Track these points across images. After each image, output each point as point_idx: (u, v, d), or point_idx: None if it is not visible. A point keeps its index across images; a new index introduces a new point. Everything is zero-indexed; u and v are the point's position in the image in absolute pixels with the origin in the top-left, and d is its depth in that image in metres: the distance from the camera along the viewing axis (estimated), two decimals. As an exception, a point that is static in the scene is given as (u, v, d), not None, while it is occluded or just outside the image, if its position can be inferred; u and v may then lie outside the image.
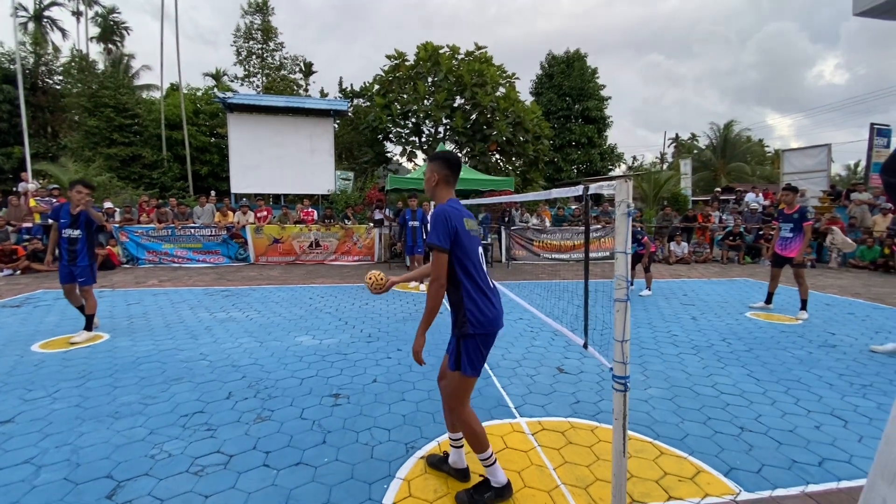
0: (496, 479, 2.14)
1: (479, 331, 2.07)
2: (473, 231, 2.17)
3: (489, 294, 2.13)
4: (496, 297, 2.18)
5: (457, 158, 2.31)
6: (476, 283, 2.10)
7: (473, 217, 2.25)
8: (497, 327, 2.15)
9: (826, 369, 3.96)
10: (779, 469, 2.44)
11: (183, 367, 3.87)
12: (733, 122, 32.52)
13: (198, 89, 24.01)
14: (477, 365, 2.12)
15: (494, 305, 2.14)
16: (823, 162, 15.40)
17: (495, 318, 2.13)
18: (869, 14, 0.55)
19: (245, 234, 10.68)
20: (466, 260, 2.09)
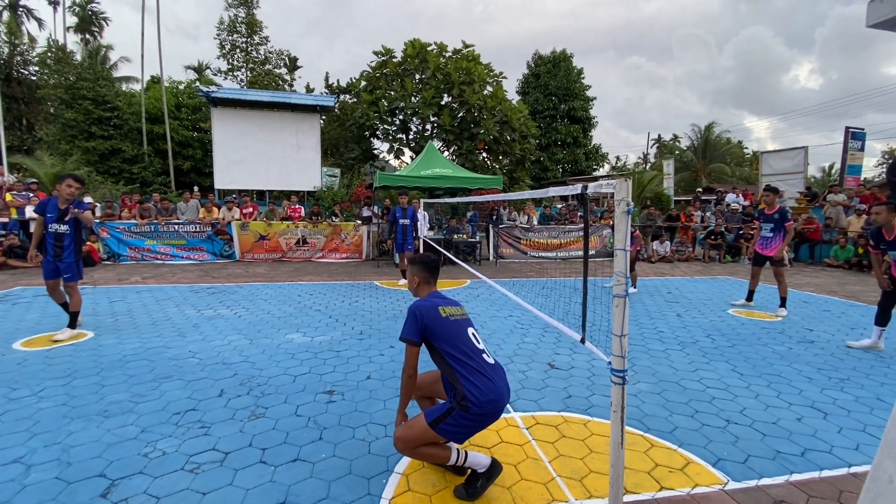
0: (479, 465, 2.16)
1: (478, 410, 2.04)
2: (455, 316, 2.24)
3: (487, 373, 2.11)
4: (497, 376, 2.15)
5: (434, 262, 2.51)
6: (468, 366, 2.10)
7: (457, 304, 2.37)
8: (497, 409, 2.09)
9: (805, 364, 4.11)
10: (764, 459, 2.54)
11: (172, 365, 3.82)
12: (714, 123, 33.25)
13: (180, 83, 23.48)
14: (458, 436, 2.12)
15: (496, 385, 2.10)
16: (800, 164, 15.86)
17: (498, 399, 2.08)
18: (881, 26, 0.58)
19: (230, 230, 10.52)
20: (450, 346, 2.14)
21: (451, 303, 2.33)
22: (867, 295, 7.49)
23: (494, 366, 2.20)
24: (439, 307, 2.24)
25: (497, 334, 4.88)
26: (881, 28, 0.61)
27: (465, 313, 2.34)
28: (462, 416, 2.06)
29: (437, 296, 2.40)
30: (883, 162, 44.18)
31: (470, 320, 2.33)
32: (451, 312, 2.25)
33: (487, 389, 2.05)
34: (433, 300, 2.31)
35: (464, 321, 2.27)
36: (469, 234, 11.28)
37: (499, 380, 2.14)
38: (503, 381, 2.17)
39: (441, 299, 2.35)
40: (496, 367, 2.20)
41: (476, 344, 2.21)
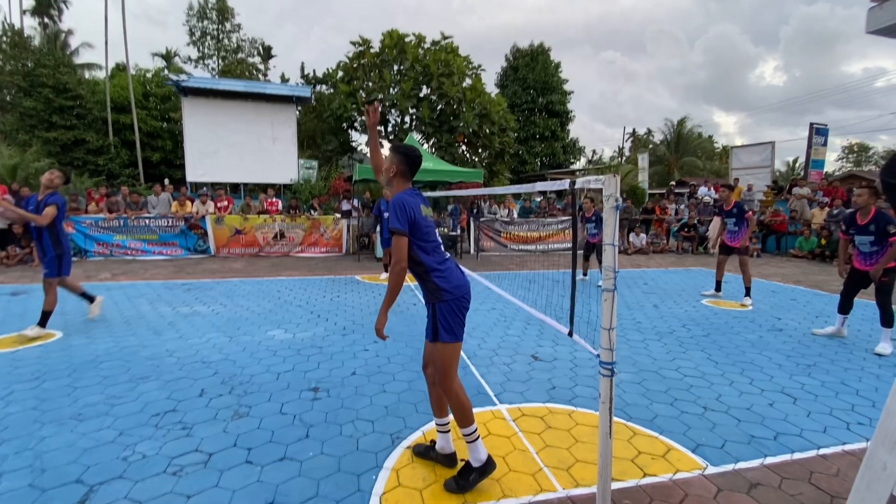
0: (477, 457, 2.19)
1: (450, 295, 2.21)
2: (429, 216, 2.33)
3: (451, 263, 2.31)
4: (459, 269, 2.36)
5: (418, 156, 2.40)
6: (437, 258, 2.27)
7: (429, 204, 2.40)
8: (467, 293, 2.29)
9: (775, 351, 4.29)
10: (740, 444, 2.64)
11: (149, 365, 3.70)
12: (686, 118, 34.06)
13: (147, 70, 22.56)
14: (454, 329, 2.22)
15: (459, 272, 2.32)
16: (768, 158, 16.44)
17: (464, 284, 2.29)
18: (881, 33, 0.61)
19: (205, 225, 10.23)
20: (424, 242, 2.24)
21: (424, 202, 2.35)
22: (830, 284, 7.86)
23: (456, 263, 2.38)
24: (421, 205, 2.28)
25: (481, 327, 4.91)
26: (881, 35, 0.63)
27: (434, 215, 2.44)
28: (444, 309, 2.22)
29: (414, 193, 2.33)
30: (843, 156, 46.20)
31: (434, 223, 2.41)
32: (427, 213, 2.31)
33: (453, 276, 2.26)
34: (415, 198, 2.29)
35: (432, 222, 2.35)
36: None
37: (458, 269, 2.35)
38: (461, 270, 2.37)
39: (420, 197, 2.33)
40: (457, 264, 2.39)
41: (440, 241, 2.36)
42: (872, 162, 43.46)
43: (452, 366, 2.25)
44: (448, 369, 2.23)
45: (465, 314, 2.28)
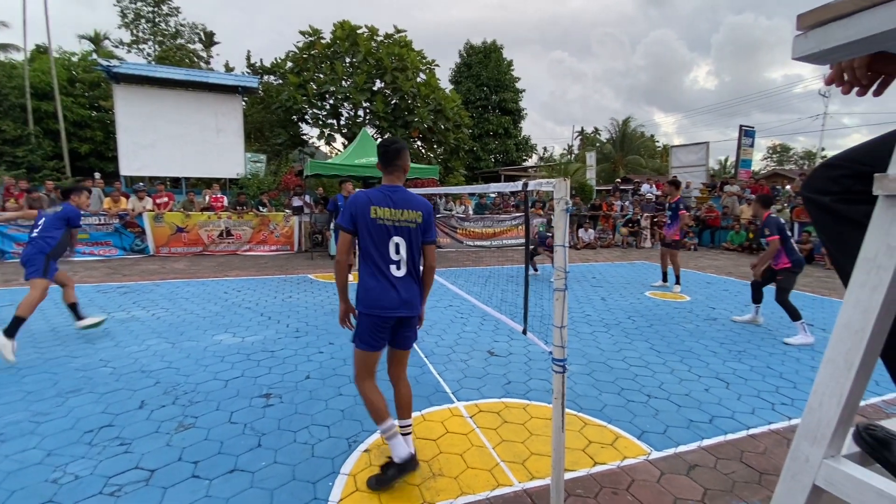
0: (397, 455, 2.19)
1: (364, 310, 2.22)
2: (385, 220, 2.21)
3: (387, 280, 2.22)
4: (398, 287, 2.23)
5: (385, 145, 2.34)
6: (371, 268, 2.22)
7: (400, 206, 2.24)
8: (386, 313, 2.20)
9: (710, 339, 4.62)
10: (680, 429, 2.84)
11: (80, 377, 3.43)
12: (630, 118, 35.70)
13: (73, 54, 20.62)
14: (366, 339, 2.23)
15: (387, 293, 2.20)
16: (703, 157, 17.61)
17: (387, 305, 2.19)
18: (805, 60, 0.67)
19: (142, 222, 9.56)
20: (365, 245, 2.22)
21: (395, 204, 2.23)
22: (757, 275, 8.56)
23: (402, 278, 2.25)
24: (373, 206, 2.20)
25: (438, 324, 4.93)
26: (805, 61, 0.69)
27: (406, 220, 2.25)
28: (360, 317, 2.26)
29: (389, 190, 2.27)
30: (767, 156, 50.26)
31: (406, 230, 2.25)
32: (382, 215, 2.21)
33: (375, 294, 2.20)
34: (375, 195, 2.24)
35: (395, 228, 2.23)
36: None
37: (397, 291, 2.22)
38: (402, 295, 2.23)
39: (385, 196, 2.24)
40: (403, 279, 2.25)
41: (392, 254, 2.23)
42: (793, 161, 47.72)
43: (360, 369, 2.29)
44: (358, 370, 2.29)
45: (381, 331, 2.23)
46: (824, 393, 0.74)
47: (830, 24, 0.66)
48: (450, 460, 2.46)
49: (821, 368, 0.75)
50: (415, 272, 2.32)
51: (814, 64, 0.72)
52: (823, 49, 0.68)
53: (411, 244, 2.27)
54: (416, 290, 2.31)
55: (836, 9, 0.64)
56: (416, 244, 2.29)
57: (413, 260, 2.29)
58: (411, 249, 2.27)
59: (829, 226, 0.86)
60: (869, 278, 0.68)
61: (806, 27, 0.69)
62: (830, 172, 0.85)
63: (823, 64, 0.74)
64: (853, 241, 0.73)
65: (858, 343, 0.69)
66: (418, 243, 2.31)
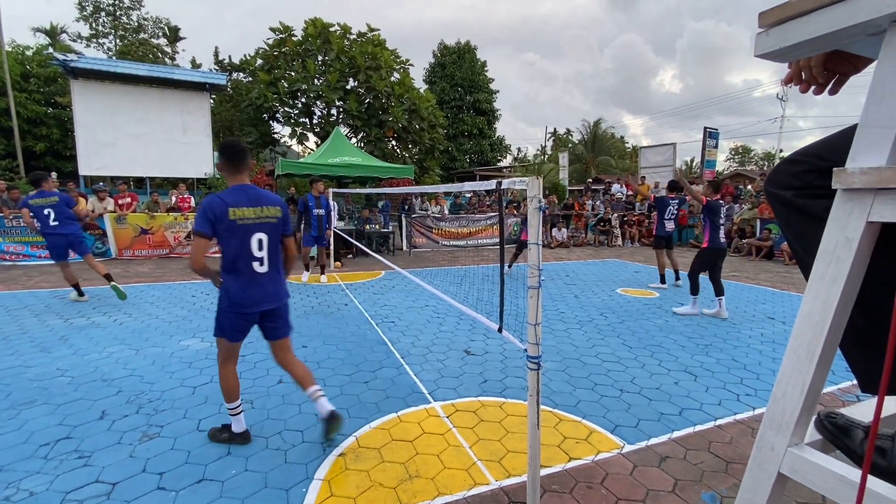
0: (236, 428, 2.55)
1: (228, 309, 2.39)
2: (247, 220, 2.35)
3: (247, 277, 2.39)
4: (261, 283, 2.43)
5: (232, 146, 2.45)
6: (233, 267, 2.37)
7: (259, 204, 2.41)
8: (249, 310, 2.41)
9: (679, 334, 4.76)
10: (651, 422, 2.90)
11: (34, 388, 3.24)
12: (601, 119, 36.54)
13: (27, 48, 19.57)
14: (228, 333, 2.44)
15: (250, 290, 2.39)
16: (670, 158, 18.15)
17: (250, 303, 2.39)
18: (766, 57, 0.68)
19: (103, 224, 9.14)
20: (226, 246, 2.34)
21: (252, 202, 2.38)
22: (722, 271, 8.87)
23: (266, 273, 2.44)
24: (231, 208, 2.31)
25: (415, 325, 4.90)
26: (766, 58, 0.71)
27: (268, 216, 2.41)
28: (221, 311, 2.41)
29: (241, 189, 2.40)
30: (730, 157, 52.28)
31: (269, 225, 2.42)
32: (242, 215, 2.33)
33: (237, 290, 2.37)
34: (230, 197, 2.34)
35: (256, 225, 2.37)
36: (382, 225, 11.13)
37: (260, 287, 2.42)
38: (266, 289, 2.44)
39: (241, 195, 2.37)
40: (267, 275, 2.45)
41: (256, 251, 2.39)
42: (753, 162, 49.87)
43: (223, 356, 2.52)
44: (221, 357, 2.52)
45: (243, 326, 2.45)
46: (788, 383, 0.76)
47: (790, 21, 0.68)
48: (426, 461, 2.44)
49: (784, 359, 0.77)
50: (277, 265, 2.51)
51: (774, 61, 0.74)
52: (783, 46, 0.70)
53: (273, 239, 2.45)
54: (279, 282, 2.52)
55: (796, 7, 0.66)
56: (276, 239, 2.48)
57: (275, 254, 2.48)
58: (273, 244, 2.46)
59: (791, 220, 0.88)
60: (828, 270, 0.70)
61: (767, 25, 0.71)
62: (792, 168, 0.87)
63: (783, 61, 0.76)
64: (814, 234, 0.75)
65: (819, 333, 0.71)
66: (278, 238, 2.49)
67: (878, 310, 0.74)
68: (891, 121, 0.63)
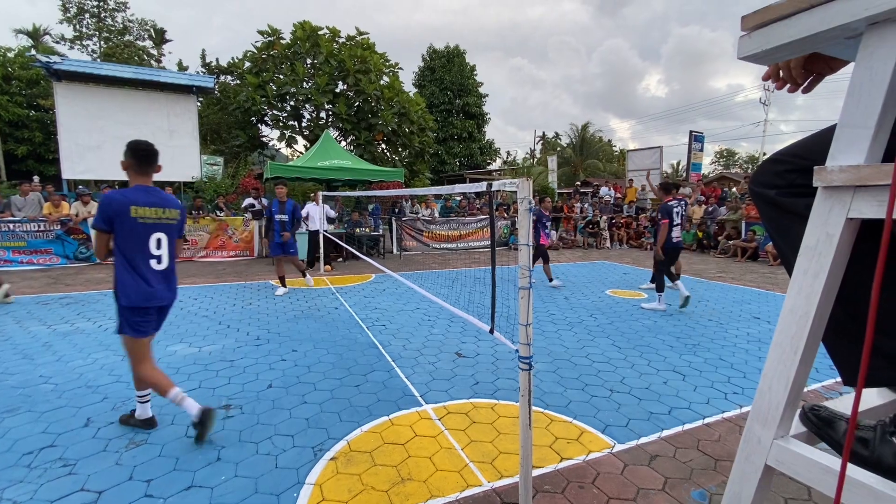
0: (195, 412, 2.54)
1: (128, 304, 2.49)
2: (147, 219, 2.49)
3: (142, 276, 2.51)
4: (157, 280, 2.56)
5: (144, 148, 2.56)
6: (128, 265, 2.48)
7: (162, 205, 2.56)
8: (150, 304, 2.54)
9: (667, 334, 4.81)
10: (641, 421, 2.93)
11: (17, 395, 3.16)
12: (589, 123, 36.91)
13: (8, 49, 19.16)
14: (136, 328, 2.53)
15: (145, 287, 2.51)
16: (657, 161, 18.41)
17: (150, 297, 2.52)
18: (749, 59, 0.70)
19: (86, 228, 8.98)
20: (123, 244, 2.46)
21: (153, 203, 2.51)
22: (708, 272, 9.01)
23: (162, 270, 2.60)
24: (132, 206, 2.43)
25: (406, 328, 4.89)
26: (749, 61, 0.73)
27: (168, 218, 2.58)
28: (120, 310, 2.51)
29: (144, 190, 2.52)
30: (715, 160, 53.17)
31: (168, 226, 2.59)
32: (143, 214, 2.46)
33: (133, 288, 2.47)
34: (132, 196, 2.46)
35: (155, 225, 2.52)
36: (372, 228, 11.10)
37: (156, 284, 2.55)
38: (162, 286, 2.60)
39: (143, 195, 2.49)
40: (163, 272, 2.61)
41: (154, 249, 2.53)
42: (738, 165, 50.78)
43: (136, 356, 2.58)
44: (133, 359, 2.59)
45: (147, 320, 2.57)
46: (773, 377, 0.77)
47: (771, 25, 0.70)
48: (419, 464, 2.43)
49: (769, 353, 0.79)
50: (172, 264, 2.67)
51: (757, 63, 0.76)
52: (765, 49, 0.72)
53: (171, 239, 2.62)
54: (174, 280, 2.70)
55: (777, 10, 0.68)
56: (174, 240, 2.65)
57: (172, 253, 2.64)
58: (171, 244, 2.62)
59: (775, 218, 0.91)
60: (811, 265, 0.72)
61: (749, 28, 0.73)
62: (775, 167, 0.90)
63: (766, 63, 0.79)
64: (797, 232, 0.77)
65: (803, 327, 0.73)
66: (175, 239, 2.66)
67: (857, 303, 0.76)
68: (868, 120, 0.66)
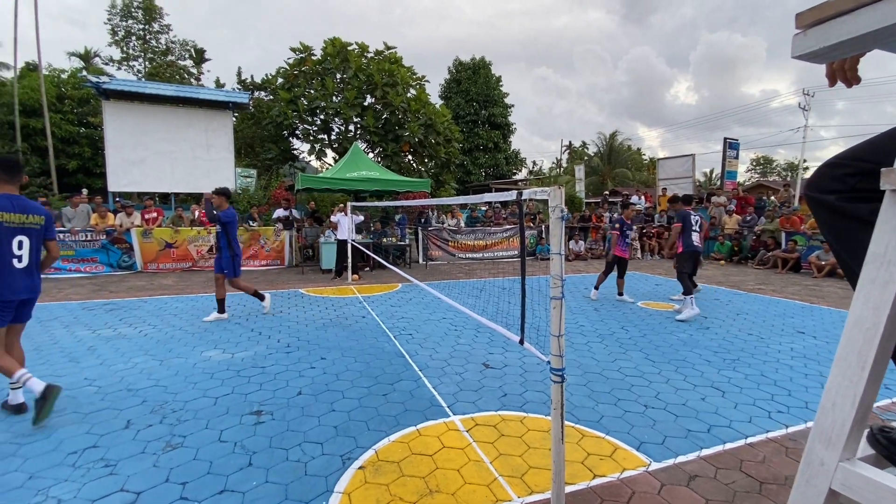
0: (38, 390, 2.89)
1: None
2: (11, 223, 2.93)
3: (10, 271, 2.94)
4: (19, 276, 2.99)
5: (10, 160, 3.04)
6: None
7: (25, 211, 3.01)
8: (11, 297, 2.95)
9: (704, 348, 4.62)
10: (678, 439, 2.80)
11: (64, 397, 3.29)
12: (617, 132, 36.40)
13: (62, 71, 20.55)
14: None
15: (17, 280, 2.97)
16: (689, 169, 17.91)
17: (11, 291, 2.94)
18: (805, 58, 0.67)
19: (130, 238, 9.42)
20: None
21: (17, 209, 2.96)
22: (746, 284, 8.64)
23: (23, 269, 3.02)
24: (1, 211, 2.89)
25: (432, 337, 4.88)
26: (805, 59, 0.69)
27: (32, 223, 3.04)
28: None
29: (8, 197, 2.94)
30: (751, 168, 51.33)
31: (32, 230, 3.04)
32: (9, 219, 2.92)
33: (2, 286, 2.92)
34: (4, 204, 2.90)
35: (21, 229, 2.98)
36: (398, 237, 11.20)
37: (20, 279, 2.99)
38: (24, 282, 3.02)
39: (8, 202, 2.92)
40: (25, 269, 3.03)
41: (16, 250, 2.97)
42: (776, 173, 48.84)
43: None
44: None
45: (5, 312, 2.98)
46: (837, 393, 0.72)
47: (830, 21, 0.66)
48: (447, 476, 2.40)
49: (833, 368, 0.74)
50: (36, 263, 3.10)
51: (813, 62, 0.73)
52: (823, 47, 0.68)
53: (34, 242, 3.06)
54: (37, 277, 3.12)
55: (836, 6, 0.65)
56: (37, 241, 3.09)
57: (35, 253, 3.08)
58: (34, 246, 3.06)
59: (835, 225, 0.85)
60: (879, 274, 0.67)
61: (805, 26, 0.70)
62: (834, 171, 0.85)
63: (823, 62, 0.75)
64: (860, 239, 0.73)
65: (870, 341, 0.68)
66: (40, 241, 3.11)
67: None
68: (941, 119, 0.61)
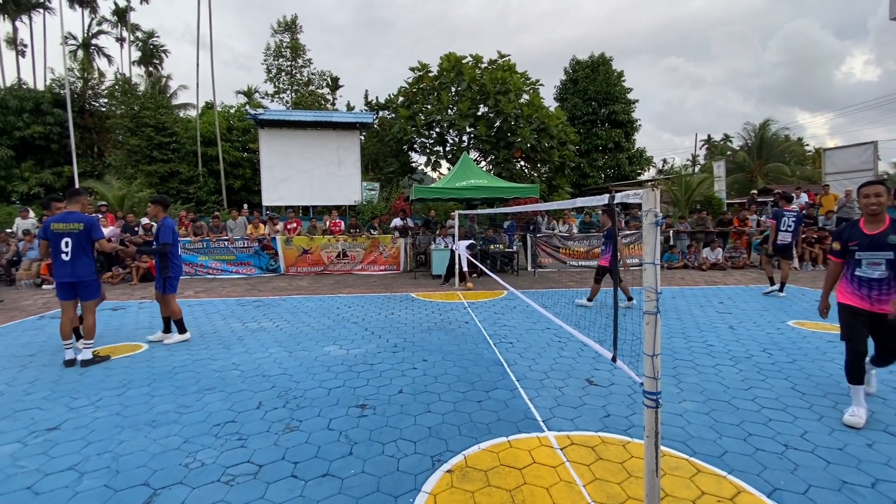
0: (67, 356, 4.26)
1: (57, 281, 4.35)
2: (61, 231, 4.22)
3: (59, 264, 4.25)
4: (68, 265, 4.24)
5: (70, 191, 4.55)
6: (54, 258, 4.27)
7: (67, 220, 4.28)
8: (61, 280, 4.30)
9: (879, 381, 3.69)
10: (827, 490, 2.29)
11: (216, 377, 3.99)
12: (769, 121, 31.21)
13: (231, 107, 24.97)
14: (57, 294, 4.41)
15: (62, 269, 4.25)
16: (869, 160, 14.60)
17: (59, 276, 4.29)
18: None
19: (275, 245, 10.98)
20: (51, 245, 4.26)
21: (68, 219, 4.28)
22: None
23: (68, 261, 4.24)
24: (53, 223, 4.24)
25: (533, 348, 4.75)
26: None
27: (73, 227, 4.26)
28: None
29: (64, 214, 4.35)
30: (970, 154, 39.85)
31: (73, 233, 4.25)
32: (58, 228, 4.23)
33: (56, 273, 4.30)
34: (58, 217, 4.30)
35: (65, 233, 4.23)
36: (506, 244, 11.15)
37: (64, 268, 4.25)
38: (67, 269, 4.25)
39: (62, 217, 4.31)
40: (68, 262, 4.24)
41: (62, 248, 4.22)
42: None
43: None
44: None
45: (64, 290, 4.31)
46: None
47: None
48: (534, 493, 2.31)
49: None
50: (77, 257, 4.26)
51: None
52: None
53: (74, 242, 4.24)
54: (79, 267, 4.27)
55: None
56: (78, 241, 4.25)
57: (77, 250, 4.25)
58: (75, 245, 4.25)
59: None
60: None
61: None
62: None
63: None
64: None
65: None
66: (80, 241, 4.27)
67: None
68: None
